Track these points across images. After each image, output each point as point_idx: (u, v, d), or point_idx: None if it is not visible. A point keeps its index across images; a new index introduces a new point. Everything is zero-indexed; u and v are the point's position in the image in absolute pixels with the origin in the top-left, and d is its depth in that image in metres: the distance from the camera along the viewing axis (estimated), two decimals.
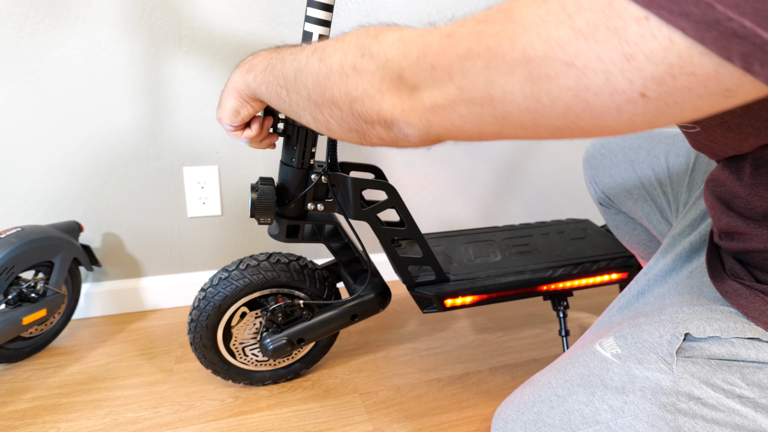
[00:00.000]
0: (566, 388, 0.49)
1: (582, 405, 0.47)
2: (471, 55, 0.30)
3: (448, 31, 0.32)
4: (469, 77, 0.31)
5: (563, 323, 0.85)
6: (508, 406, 0.53)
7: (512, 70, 0.29)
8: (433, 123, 0.34)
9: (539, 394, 0.50)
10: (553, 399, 0.49)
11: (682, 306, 0.49)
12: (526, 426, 0.49)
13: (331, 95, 0.39)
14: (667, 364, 0.44)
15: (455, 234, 0.96)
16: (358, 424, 0.76)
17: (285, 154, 0.71)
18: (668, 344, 0.45)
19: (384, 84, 0.35)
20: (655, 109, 0.26)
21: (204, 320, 0.75)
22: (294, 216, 0.73)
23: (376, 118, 0.37)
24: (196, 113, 1.03)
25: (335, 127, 0.41)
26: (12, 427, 0.75)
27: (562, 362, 0.53)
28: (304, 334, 0.76)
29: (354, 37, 0.38)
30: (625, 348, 0.48)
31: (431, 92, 0.33)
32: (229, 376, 0.81)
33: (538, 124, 0.30)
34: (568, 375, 0.50)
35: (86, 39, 0.93)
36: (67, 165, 0.99)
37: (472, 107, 0.32)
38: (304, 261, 0.80)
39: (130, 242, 1.08)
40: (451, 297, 0.79)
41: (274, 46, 0.53)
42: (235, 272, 0.75)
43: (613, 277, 0.86)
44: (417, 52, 0.33)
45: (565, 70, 0.27)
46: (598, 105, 0.27)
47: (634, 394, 0.44)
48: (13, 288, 0.82)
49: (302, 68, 0.42)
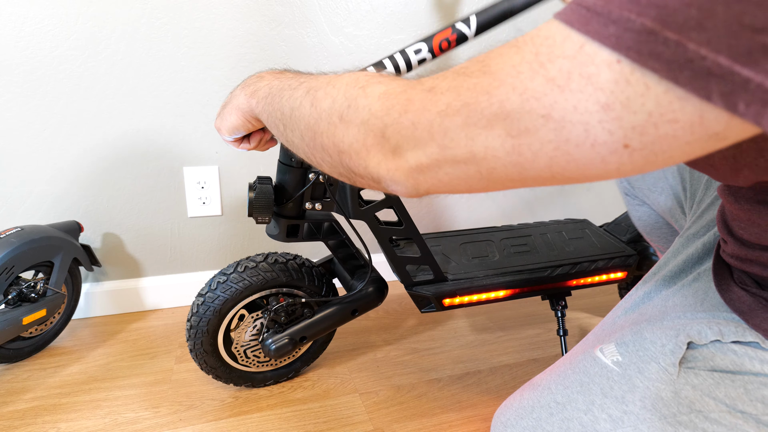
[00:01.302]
0: (566, 395, 0.48)
1: (581, 413, 0.46)
2: (450, 111, 0.30)
3: (429, 86, 0.32)
4: (450, 135, 0.30)
5: (561, 323, 0.85)
6: (508, 409, 0.53)
7: (491, 126, 0.28)
8: (420, 182, 0.34)
9: (539, 399, 0.50)
10: (552, 405, 0.48)
11: (685, 311, 0.48)
12: (525, 431, 0.49)
13: (321, 142, 0.38)
14: (668, 374, 0.43)
15: (453, 234, 0.96)
16: (358, 424, 0.77)
17: (283, 154, 0.71)
18: (671, 354, 0.44)
19: (368, 140, 0.35)
20: (641, 159, 0.25)
21: (204, 326, 0.75)
22: (292, 215, 0.73)
23: (364, 173, 0.36)
24: (196, 113, 1.03)
25: (327, 170, 0.41)
26: (12, 427, 0.75)
27: (562, 366, 0.53)
28: (307, 331, 0.76)
29: (344, 84, 0.37)
30: (626, 356, 0.47)
31: (414, 153, 0.32)
32: (230, 379, 0.81)
33: (525, 176, 0.30)
34: (568, 381, 0.50)
35: (86, 39, 0.93)
36: (67, 165, 0.99)
37: (456, 166, 0.31)
38: (301, 259, 0.80)
39: (130, 242, 1.08)
40: (449, 296, 0.79)
41: (279, 69, 0.53)
42: (234, 275, 0.75)
43: (611, 277, 0.86)
44: (399, 108, 0.33)
45: (543, 123, 0.26)
46: (581, 157, 0.26)
47: (634, 404, 0.44)
48: (13, 288, 0.82)
49: (296, 108, 0.42)
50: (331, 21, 1.06)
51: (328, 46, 1.07)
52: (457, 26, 0.68)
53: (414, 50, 0.67)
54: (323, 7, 1.04)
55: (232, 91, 0.57)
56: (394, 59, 0.67)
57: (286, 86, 0.46)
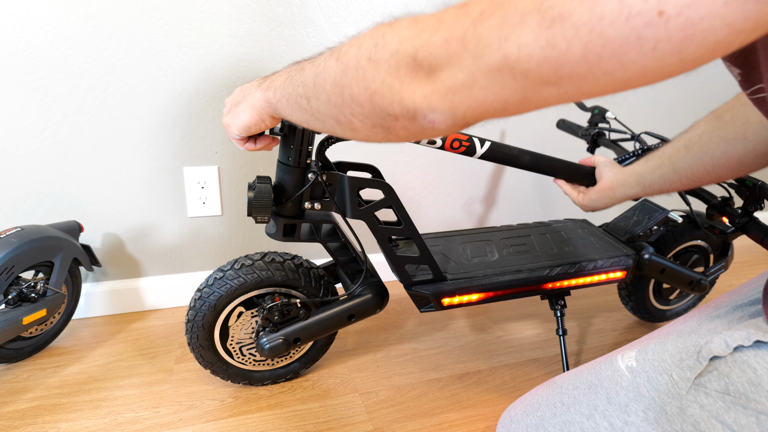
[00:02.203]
0: (572, 396, 0.48)
1: (583, 418, 0.45)
2: (483, 16, 0.29)
3: (462, 3, 0.31)
4: (483, 41, 0.29)
5: (560, 322, 0.86)
6: (520, 404, 0.53)
7: (524, 20, 0.28)
8: (456, 103, 0.33)
9: (547, 397, 0.50)
10: (557, 406, 0.48)
11: (717, 329, 0.46)
12: (528, 429, 0.49)
13: (350, 93, 0.37)
14: (677, 388, 0.42)
15: (453, 234, 0.96)
16: (358, 424, 0.77)
17: (282, 153, 0.71)
18: (688, 369, 0.42)
19: (401, 70, 0.34)
20: (679, 30, 0.24)
21: (200, 320, 0.76)
22: (291, 215, 0.73)
23: (399, 109, 0.35)
24: (196, 113, 1.03)
25: (359, 126, 0.39)
26: (12, 427, 0.75)
27: (584, 366, 0.52)
28: (301, 333, 0.77)
29: (370, 31, 0.37)
30: (641, 363, 0.46)
31: (449, 70, 0.32)
32: (228, 376, 0.81)
33: (560, 75, 0.28)
34: (579, 381, 0.49)
35: (86, 39, 0.93)
36: (67, 165, 0.99)
37: (491, 75, 0.30)
38: (299, 260, 0.80)
39: (130, 242, 1.08)
40: (448, 296, 0.79)
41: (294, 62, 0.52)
42: (230, 272, 0.75)
43: (610, 277, 0.86)
44: (430, 29, 0.32)
45: (577, 3, 0.26)
46: (616, 37, 0.25)
47: (637, 414, 0.43)
48: (13, 288, 0.82)
49: (320, 72, 0.41)
50: (331, 21, 1.06)
51: (328, 45, 1.07)
52: (474, 139, 0.75)
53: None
54: (323, 7, 1.04)
55: (243, 89, 0.56)
56: None
57: (306, 62, 0.45)
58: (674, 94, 1.43)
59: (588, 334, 1.03)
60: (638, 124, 1.40)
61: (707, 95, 1.47)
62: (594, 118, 1.02)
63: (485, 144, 0.78)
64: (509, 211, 1.35)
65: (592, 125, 1.02)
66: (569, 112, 1.28)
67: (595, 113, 1.02)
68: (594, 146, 1.01)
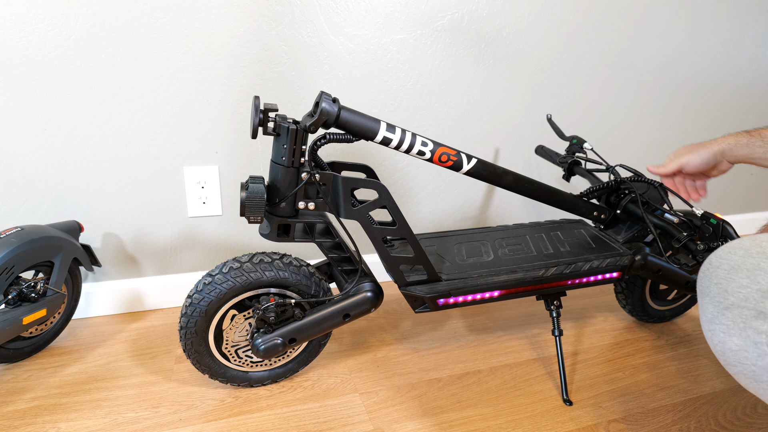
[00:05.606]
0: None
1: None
2: None
3: None
4: None
5: (556, 323, 0.86)
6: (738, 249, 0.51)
7: None
8: None
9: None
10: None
11: None
12: None
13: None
14: None
15: (448, 234, 0.96)
16: (358, 424, 0.77)
17: (275, 153, 0.71)
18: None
19: None
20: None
21: (193, 326, 0.75)
22: (285, 215, 0.73)
23: None
24: (196, 113, 1.03)
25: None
26: (12, 427, 0.75)
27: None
28: (296, 333, 0.76)
29: None
30: None
31: None
32: (226, 379, 0.81)
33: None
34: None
35: (86, 39, 0.93)
36: (67, 165, 0.99)
37: None
38: (289, 258, 0.79)
39: (130, 242, 1.08)
40: (442, 296, 0.79)
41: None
42: (219, 276, 0.75)
43: (606, 277, 0.87)
44: None
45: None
46: None
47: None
48: (13, 288, 0.82)
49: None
50: (331, 21, 1.06)
51: (328, 46, 1.07)
52: (462, 155, 0.78)
53: (422, 142, 0.76)
54: (323, 7, 1.04)
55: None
56: (404, 133, 0.74)
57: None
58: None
59: (587, 334, 1.03)
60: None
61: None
62: (572, 148, 1.04)
63: (471, 161, 0.79)
64: (506, 211, 1.36)
65: (569, 154, 1.03)
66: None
67: (574, 143, 1.04)
68: (570, 174, 1.02)
